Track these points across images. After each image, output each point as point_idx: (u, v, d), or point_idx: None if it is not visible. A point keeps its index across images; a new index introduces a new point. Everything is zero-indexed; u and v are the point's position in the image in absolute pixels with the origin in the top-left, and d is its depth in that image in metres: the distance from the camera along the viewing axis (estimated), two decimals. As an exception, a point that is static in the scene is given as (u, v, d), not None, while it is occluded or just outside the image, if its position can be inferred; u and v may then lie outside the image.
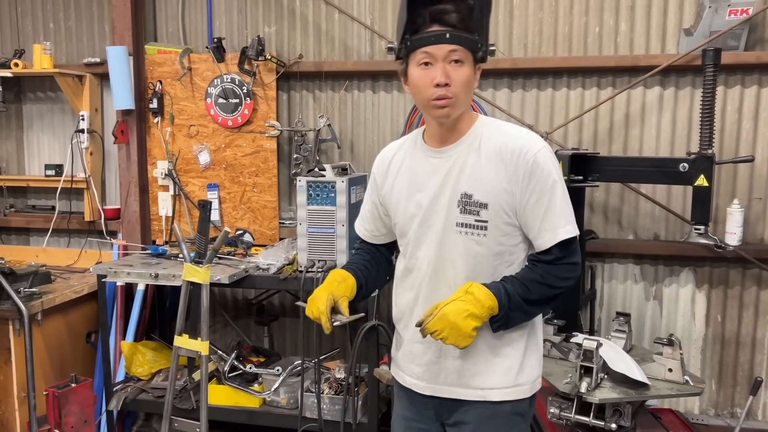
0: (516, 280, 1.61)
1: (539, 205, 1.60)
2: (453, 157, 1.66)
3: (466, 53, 1.56)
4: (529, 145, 1.62)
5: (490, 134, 1.66)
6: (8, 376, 3.14)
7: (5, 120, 4.13)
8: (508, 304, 1.57)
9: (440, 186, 1.67)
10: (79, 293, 3.46)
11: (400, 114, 3.58)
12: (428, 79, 1.56)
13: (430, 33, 1.54)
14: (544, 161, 1.61)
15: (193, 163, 3.70)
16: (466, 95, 1.61)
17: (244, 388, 3.16)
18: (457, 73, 1.56)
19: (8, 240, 4.22)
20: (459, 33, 1.54)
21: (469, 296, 1.54)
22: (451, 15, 1.55)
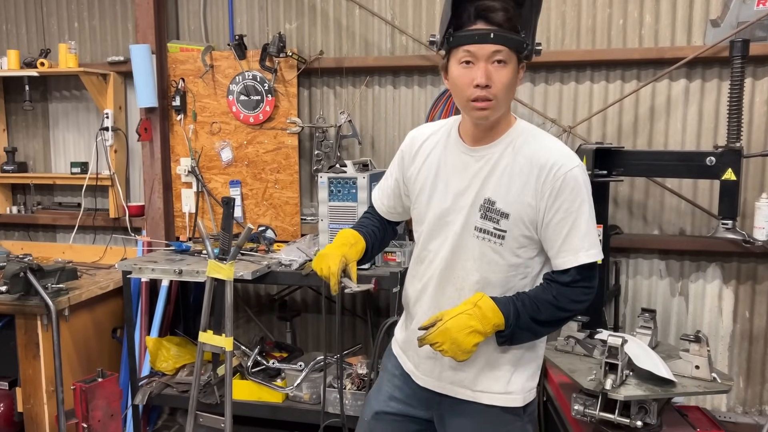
0: (528, 298, 1.57)
1: (563, 225, 1.56)
2: (484, 158, 1.62)
3: (510, 54, 1.50)
4: (562, 161, 1.56)
5: (524, 142, 1.60)
6: (37, 370, 3.20)
7: (32, 119, 4.19)
8: (516, 323, 1.53)
9: (467, 186, 1.63)
10: (104, 289, 3.50)
11: (421, 109, 3.56)
12: (468, 78, 1.51)
13: (473, 31, 1.49)
14: (575, 181, 1.55)
15: (215, 160, 3.73)
16: (506, 97, 1.55)
17: (267, 383, 3.18)
18: (500, 75, 1.50)
19: (36, 237, 4.28)
20: (504, 33, 1.48)
21: (477, 310, 1.50)
22: (498, 13, 1.49)
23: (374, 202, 1.94)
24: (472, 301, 1.52)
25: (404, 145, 1.83)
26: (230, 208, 1.57)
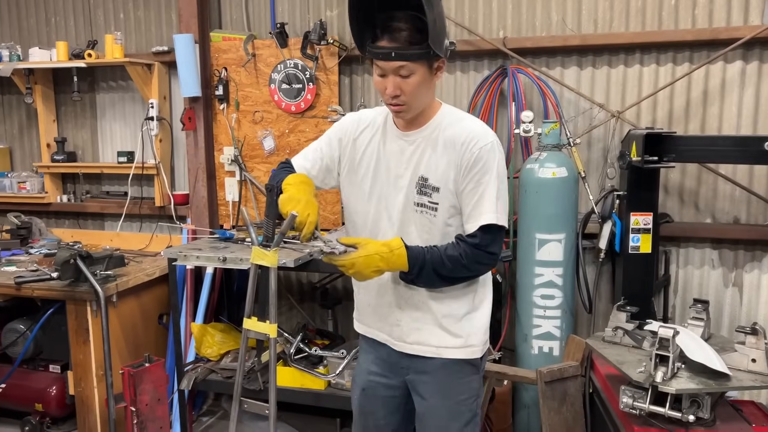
0: (438, 252, 1.76)
1: (473, 193, 1.76)
2: (416, 142, 1.82)
3: (414, 65, 1.67)
4: (478, 138, 1.76)
5: (448, 125, 1.81)
6: (87, 354, 3.28)
7: (80, 109, 4.28)
8: (419, 272, 1.75)
9: (405, 167, 1.83)
10: (150, 276, 3.57)
11: (463, 95, 3.51)
12: (382, 87, 1.72)
13: (379, 49, 1.67)
14: (487, 155, 1.75)
15: (258, 149, 3.75)
16: (418, 98, 1.74)
17: (310, 370, 3.20)
18: (407, 84, 1.69)
19: (85, 225, 4.39)
20: (405, 51, 1.64)
21: (389, 255, 1.70)
22: (401, 33, 1.64)
23: (295, 165, 2.00)
24: (390, 245, 1.72)
25: (346, 124, 1.96)
26: (273, 195, 1.57)
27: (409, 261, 1.73)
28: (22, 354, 3.48)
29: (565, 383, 2.87)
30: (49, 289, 3.24)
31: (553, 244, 2.99)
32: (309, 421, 3.57)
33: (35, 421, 3.56)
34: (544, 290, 3.03)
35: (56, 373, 3.56)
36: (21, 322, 3.58)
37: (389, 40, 1.66)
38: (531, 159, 3.04)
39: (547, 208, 2.98)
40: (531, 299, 3.06)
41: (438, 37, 1.64)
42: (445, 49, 1.68)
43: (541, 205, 2.99)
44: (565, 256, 3.01)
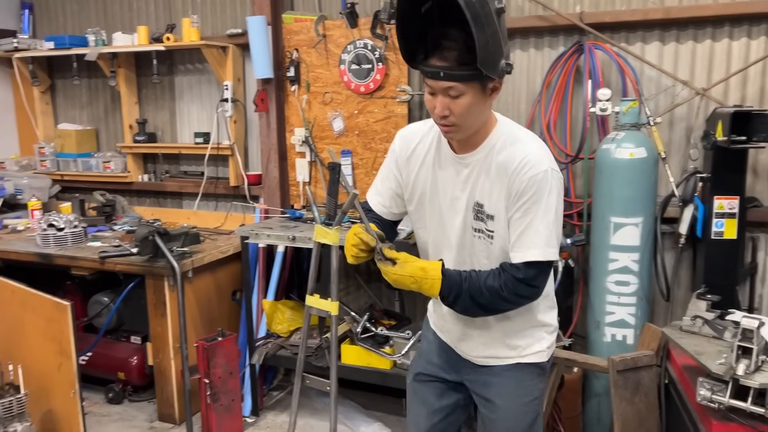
0: (478, 280, 1.67)
1: (520, 222, 1.66)
2: (470, 165, 1.73)
3: (464, 86, 1.56)
4: (531, 165, 1.63)
5: (501, 147, 1.68)
6: (164, 327, 3.43)
7: (160, 91, 4.44)
8: (454, 300, 1.68)
9: (461, 190, 1.75)
10: (224, 253, 3.68)
11: (537, 72, 3.40)
12: (432, 105, 1.63)
13: (429, 68, 1.58)
14: (539, 184, 1.63)
15: (327, 130, 3.77)
16: (468, 120, 1.63)
17: (376, 350, 3.22)
18: (456, 105, 1.59)
19: (164, 203, 4.57)
20: (454, 71, 1.54)
21: (423, 281, 1.64)
22: (451, 52, 1.54)
23: (372, 204, 1.96)
24: (426, 270, 1.65)
25: (398, 147, 1.88)
26: (336, 173, 1.57)
27: (444, 288, 1.66)
28: (105, 325, 3.68)
29: (638, 373, 2.76)
30: (130, 264, 3.39)
31: (630, 229, 2.87)
32: (374, 399, 3.61)
33: (118, 388, 3.77)
34: (619, 276, 2.91)
35: (137, 344, 3.74)
36: (105, 295, 3.79)
37: (439, 58, 1.56)
38: (607, 139, 2.92)
39: (624, 191, 2.86)
40: (604, 285, 2.95)
41: (490, 59, 1.52)
42: (500, 71, 1.56)
43: (616, 187, 2.86)
44: (642, 241, 2.88)
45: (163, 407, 3.55)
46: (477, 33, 1.45)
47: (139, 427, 3.50)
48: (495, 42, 1.51)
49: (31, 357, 3.15)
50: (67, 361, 2.97)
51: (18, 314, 3.22)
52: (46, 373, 3.08)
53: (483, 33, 1.47)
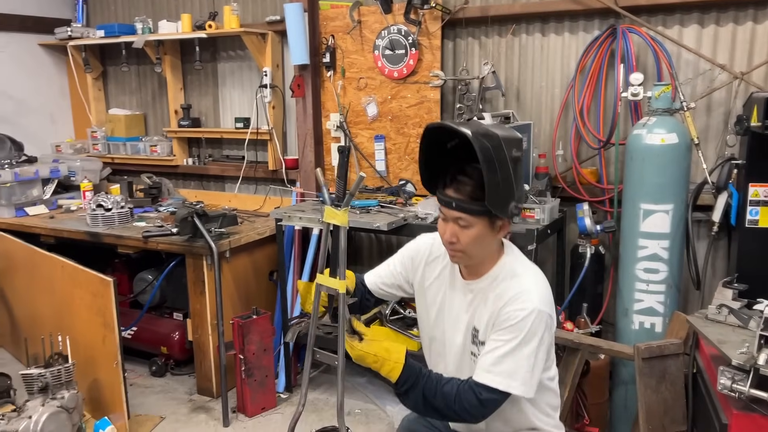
0: (434, 382, 1.68)
1: (493, 345, 1.69)
2: (474, 292, 1.81)
3: (474, 219, 1.67)
4: (521, 300, 1.68)
5: (502, 279, 1.76)
6: (203, 304, 3.57)
7: (204, 77, 4.58)
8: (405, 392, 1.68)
9: (464, 312, 1.83)
10: (261, 235, 3.80)
11: (572, 57, 3.36)
12: (442, 230, 1.75)
13: (443, 197, 1.70)
14: (524, 320, 1.66)
15: (361, 115, 3.83)
16: (474, 250, 1.73)
17: (404, 332, 3.28)
18: (464, 234, 1.70)
19: (208, 186, 4.74)
20: (465, 204, 1.66)
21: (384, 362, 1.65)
22: (465, 187, 1.67)
23: (367, 282, 2.05)
24: (391, 353, 1.66)
25: (420, 245, 1.99)
26: (344, 156, 1.63)
27: (401, 376, 1.66)
28: (149, 301, 3.86)
29: (664, 361, 2.73)
30: (171, 244, 3.55)
31: (660, 216, 2.82)
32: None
33: (161, 362, 3.95)
34: (648, 263, 2.88)
35: (179, 320, 3.91)
36: (149, 273, 3.97)
37: (454, 190, 1.69)
38: (638, 124, 2.87)
39: (654, 177, 2.81)
40: (633, 272, 2.92)
41: (500, 200, 1.63)
42: (509, 212, 1.67)
43: (647, 173, 2.82)
44: (673, 228, 2.83)
45: (201, 381, 3.71)
46: (488, 176, 1.58)
47: (179, 399, 3.68)
48: (507, 186, 1.62)
49: (78, 329, 3.35)
50: (110, 334, 3.14)
51: (68, 289, 3.43)
52: (92, 345, 3.27)
53: (494, 176, 1.59)
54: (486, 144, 1.59)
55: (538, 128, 3.47)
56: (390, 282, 2.01)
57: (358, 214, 3.20)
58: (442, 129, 1.71)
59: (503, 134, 1.64)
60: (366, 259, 4.15)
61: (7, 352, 4.25)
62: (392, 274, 2.01)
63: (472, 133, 1.59)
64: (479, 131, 1.61)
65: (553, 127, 3.42)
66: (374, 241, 4.08)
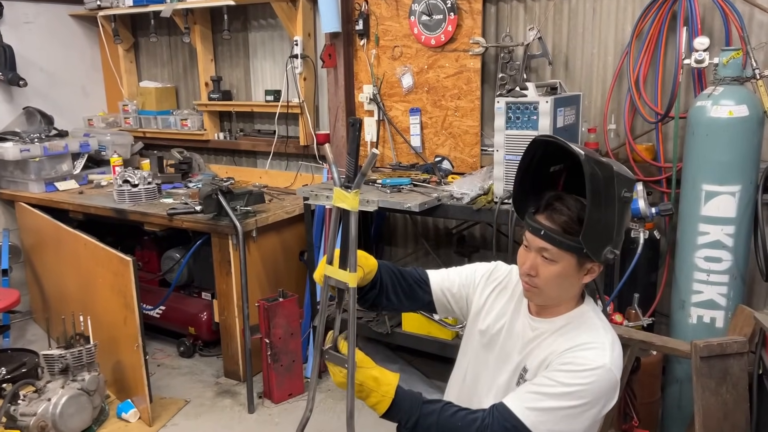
0: (442, 417, 1.46)
1: (536, 379, 1.48)
2: (539, 330, 1.58)
3: (561, 253, 1.47)
4: (594, 352, 1.45)
5: (576, 327, 1.53)
6: (229, 285, 3.43)
7: (235, 48, 4.40)
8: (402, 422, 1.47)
9: (518, 350, 1.60)
10: (290, 214, 3.62)
11: (627, 21, 3.03)
12: (522, 260, 1.55)
13: (533, 223, 1.50)
14: (589, 373, 1.42)
15: (396, 87, 3.59)
16: (552, 289, 1.53)
17: (437, 320, 3.07)
18: (544, 269, 1.50)
19: (239, 162, 4.58)
20: (556, 235, 1.46)
21: (370, 393, 1.45)
22: (560, 216, 1.47)
23: (430, 275, 1.80)
24: (381, 384, 1.45)
25: (494, 269, 1.78)
26: (356, 130, 1.41)
27: (390, 412, 1.46)
28: (175, 279, 3.75)
29: (726, 360, 2.45)
30: (196, 222, 3.41)
31: (724, 198, 2.51)
32: (437, 368, 3.47)
33: (189, 342, 3.85)
34: (709, 251, 2.58)
35: (207, 300, 3.80)
36: (177, 251, 3.86)
37: (547, 217, 1.48)
38: (703, 95, 2.55)
39: (720, 155, 2.50)
40: (692, 261, 2.63)
41: (596, 239, 1.42)
42: (602, 256, 1.44)
43: (711, 150, 2.51)
44: (739, 212, 2.52)
45: (228, 364, 3.59)
46: (591, 208, 1.39)
47: (205, 382, 3.57)
48: (607, 225, 1.43)
49: (101, 309, 3.26)
50: (131, 315, 3.03)
51: (91, 267, 3.33)
52: (115, 325, 3.17)
53: (598, 210, 1.40)
54: (598, 173, 1.38)
55: (588, 100, 3.17)
56: (456, 291, 1.76)
57: (389, 194, 2.98)
58: (552, 144, 1.49)
59: (617, 169, 1.43)
60: (401, 240, 3.94)
61: (40, 328, 4.23)
62: (462, 285, 1.76)
63: (586, 156, 1.38)
64: (592, 157, 1.41)
65: (605, 98, 3.11)
66: (409, 222, 3.85)
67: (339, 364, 1.48)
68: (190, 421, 3.20)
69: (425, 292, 1.77)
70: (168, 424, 3.17)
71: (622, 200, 1.43)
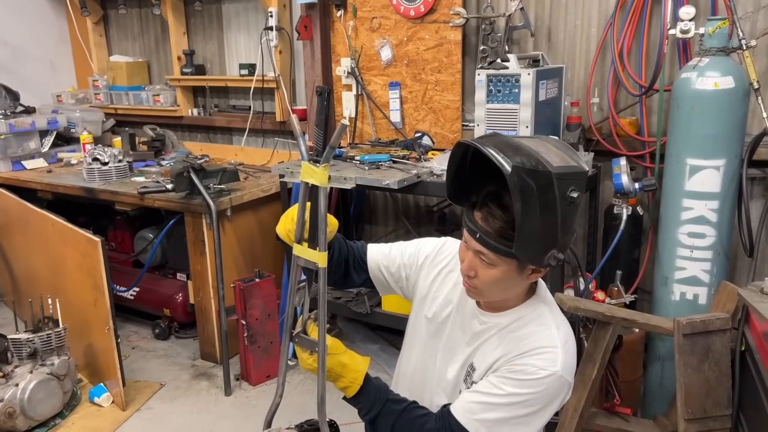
0: (402, 412, 1.40)
1: (487, 387, 1.37)
2: (487, 325, 1.46)
3: (498, 259, 1.32)
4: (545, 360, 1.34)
5: (528, 323, 1.41)
6: (204, 266, 3.34)
7: (208, 20, 4.25)
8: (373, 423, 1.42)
9: (466, 344, 1.49)
10: (266, 192, 3.52)
11: (611, -9, 2.95)
12: (462, 257, 1.41)
13: (469, 221, 1.35)
14: (540, 382, 1.33)
15: (375, 60, 3.48)
16: (494, 292, 1.40)
17: (417, 299, 3.01)
18: (483, 272, 1.36)
19: (214, 139, 4.46)
20: (491, 241, 1.30)
21: (341, 381, 1.40)
22: (495, 221, 1.30)
23: (370, 255, 1.65)
24: (348, 371, 1.39)
25: (446, 247, 1.62)
26: (324, 99, 1.32)
27: (359, 398, 1.40)
28: (148, 260, 3.65)
29: (709, 337, 2.41)
30: (168, 201, 3.30)
31: (709, 172, 2.46)
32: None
33: (164, 324, 3.76)
34: (693, 227, 2.53)
35: (182, 281, 3.70)
36: (150, 231, 3.74)
37: (482, 219, 1.32)
38: (688, 66, 2.48)
39: (704, 128, 2.43)
40: (675, 237, 2.58)
41: (532, 249, 1.27)
42: (544, 262, 1.29)
43: (696, 123, 2.44)
44: (724, 187, 2.47)
45: (204, 346, 3.51)
46: (523, 220, 1.22)
47: (181, 365, 3.49)
48: (548, 234, 1.26)
49: (71, 291, 3.15)
50: (101, 297, 2.93)
51: (59, 248, 3.22)
52: (85, 308, 3.07)
53: (532, 221, 1.23)
54: (529, 184, 1.20)
55: (571, 73, 3.09)
56: (395, 271, 1.62)
57: (367, 171, 2.89)
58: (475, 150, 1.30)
59: (560, 169, 1.23)
60: (381, 218, 3.86)
61: (10, 312, 4.11)
62: (403, 265, 1.62)
63: (514, 166, 1.20)
64: (525, 165, 1.20)
65: (588, 71, 3.03)
66: (389, 200, 3.77)
67: (309, 348, 1.40)
68: (165, 405, 3.12)
69: (362, 270, 1.63)
70: (142, 408, 3.09)
71: (567, 200, 1.25)
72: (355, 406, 1.43)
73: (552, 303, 1.47)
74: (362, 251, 1.65)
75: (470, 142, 1.30)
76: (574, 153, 1.34)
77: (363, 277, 1.64)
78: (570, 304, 2.46)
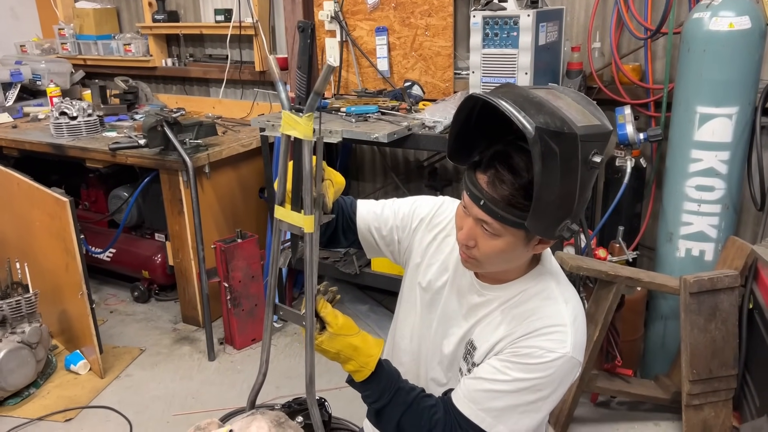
0: (412, 400, 1.27)
1: (490, 372, 1.22)
2: (486, 297, 1.30)
3: (503, 228, 1.15)
4: (555, 341, 1.19)
5: (533, 296, 1.26)
6: (182, 226, 3.16)
7: (180, -37, 3.96)
8: (378, 415, 1.30)
9: (463, 316, 1.34)
10: (246, 147, 3.32)
11: (616, -75, 2.72)
12: (459, 225, 1.24)
13: (471, 184, 1.17)
14: (548, 365, 1.18)
15: (360, 3, 3.24)
16: (495, 264, 1.24)
17: (409, 258, 2.86)
18: (484, 242, 1.19)
19: (190, 91, 4.21)
20: (499, 210, 1.13)
21: (351, 365, 1.26)
22: (504, 187, 1.12)
23: (359, 214, 1.47)
24: (360, 354, 1.25)
25: (438, 210, 1.44)
26: (307, 36, 1.12)
27: (368, 385, 1.27)
28: (123, 220, 3.46)
29: (716, 296, 2.31)
30: (142, 157, 3.09)
31: (720, 121, 2.30)
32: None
33: (143, 287, 3.60)
34: (701, 179, 2.39)
35: (161, 242, 3.52)
36: (124, 189, 3.54)
37: (488, 182, 1.14)
38: (700, 6, 2.29)
39: (717, 73, 2.27)
40: (682, 190, 2.44)
41: (547, 221, 1.11)
42: (556, 234, 1.14)
43: (707, 68, 2.27)
44: (735, 136, 2.32)
45: (186, 309, 3.36)
46: (542, 188, 1.05)
47: (162, 329, 3.34)
48: (565, 201, 1.10)
49: (41, 255, 2.97)
50: (73, 261, 2.75)
51: (26, 210, 3.02)
52: (56, 272, 2.89)
53: (551, 190, 1.06)
54: (553, 149, 1.03)
55: (570, 15, 2.88)
56: (386, 233, 1.45)
57: (354, 123, 2.70)
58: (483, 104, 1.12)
59: (584, 130, 1.06)
60: (368, 174, 3.68)
61: (-19, 275, 3.92)
62: (395, 227, 1.45)
63: (538, 127, 1.02)
64: (550, 127, 1.03)
65: (589, 13, 2.83)
66: (377, 155, 3.58)
67: (296, 322, 1.25)
68: (145, 371, 2.98)
69: (350, 230, 1.47)
70: (122, 375, 2.95)
71: (589, 164, 1.09)
72: (362, 392, 1.29)
73: (559, 273, 1.32)
74: (351, 209, 1.46)
75: (485, 96, 1.10)
76: (596, 108, 1.16)
77: (351, 239, 1.48)
78: (572, 263, 2.33)
